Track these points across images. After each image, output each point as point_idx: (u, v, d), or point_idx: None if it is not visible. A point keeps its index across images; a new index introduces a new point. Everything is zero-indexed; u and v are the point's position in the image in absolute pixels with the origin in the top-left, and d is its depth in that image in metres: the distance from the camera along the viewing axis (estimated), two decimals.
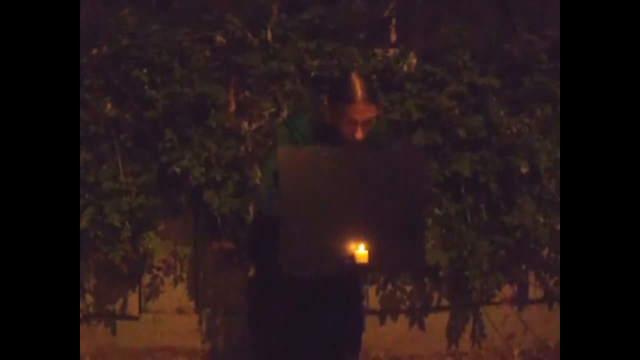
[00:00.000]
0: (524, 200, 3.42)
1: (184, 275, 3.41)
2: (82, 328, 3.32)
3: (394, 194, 2.16)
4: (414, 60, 3.53)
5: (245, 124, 3.34)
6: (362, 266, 2.11)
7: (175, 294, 3.40)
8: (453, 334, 3.55)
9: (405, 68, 3.52)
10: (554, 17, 3.50)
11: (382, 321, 3.48)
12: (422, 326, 3.52)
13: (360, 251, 2.10)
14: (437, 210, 3.40)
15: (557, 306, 3.57)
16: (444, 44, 3.57)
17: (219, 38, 3.45)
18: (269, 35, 3.49)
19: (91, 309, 3.37)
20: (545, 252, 3.55)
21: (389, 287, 3.45)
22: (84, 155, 3.24)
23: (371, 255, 2.09)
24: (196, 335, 3.42)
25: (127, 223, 3.22)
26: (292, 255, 2.10)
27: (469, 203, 3.41)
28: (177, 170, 3.20)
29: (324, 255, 2.11)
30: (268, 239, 2.25)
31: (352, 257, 2.10)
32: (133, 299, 3.39)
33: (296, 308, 2.49)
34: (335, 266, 2.12)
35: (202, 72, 3.37)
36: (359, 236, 2.11)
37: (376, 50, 3.55)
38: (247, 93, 3.40)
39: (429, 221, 3.39)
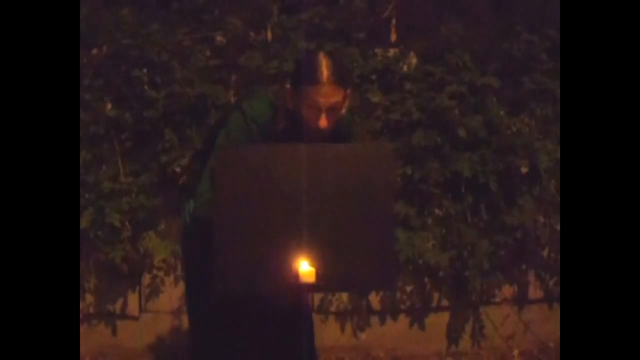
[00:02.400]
0: (524, 200, 3.42)
1: (184, 275, 3.41)
2: (82, 328, 3.32)
3: (357, 200, 1.82)
4: (414, 60, 3.54)
5: None
6: (309, 286, 1.81)
7: (175, 294, 3.39)
8: (453, 334, 3.55)
9: (405, 68, 3.53)
10: (554, 17, 3.50)
11: (382, 321, 3.48)
12: (422, 326, 3.52)
13: (304, 269, 1.79)
14: (437, 210, 3.40)
15: (557, 306, 3.57)
16: (444, 44, 3.57)
17: (219, 38, 3.45)
18: (269, 35, 3.49)
19: (91, 309, 3.37)
20: (545, 252, 3.55)
21: None
22: (84, 155, 3.24)
23: (326, 273, 1.79)
24: None
25: (127, 223, 3.22)
26: (227, 271, 1.80)
27: (469, 203, 3.41)
28: (178, 169, 3.20)
29: (265, 273, 1.80)
30: (205, 246, 1.99)
31: (296, 276, 1.80)
32: (133, 299, 3.39)
33: (233, 321, 2.22)
34: (278, 286, 1.82)
35: (202, 72, 3.37)
36: (310, 252, 1.79)
37: (376, 50, 3.55)
38: None
39: (429, 221, 3.39)
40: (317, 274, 1.80)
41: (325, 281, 1.81)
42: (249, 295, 1.94)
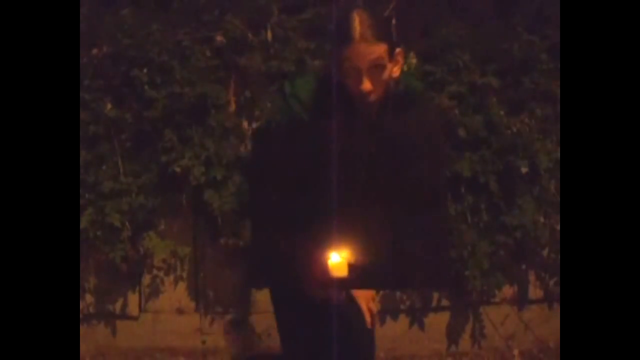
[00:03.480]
0: (524, 200, 3.42)
1: (184, 275, 3.41)
2: (82, 328, 3.32)
3: (402, 183, 1.59)
4: (414, 60, 3.53)
5: (245, 124, 3.34)
6: (341, 280, 1.62)
7: (175, 294, 3.40)
8: (453, 334, 3.55)
9: (405, 68, 3.52)
10: (554, 17, 3.50)
11: (382, 321, 3.48)
12: (422, 326, 3.52)
13: (333, 260, 1.60)
14: None
15: (557, 306, 3.57)
16: (444, 44, 3.57)
17: (219, 38, 3.44)
18: (269, 35, 3.49)
19: (91, 309, 3.37)
20: (545, 252, 3.55)
21: None
22: (84, 155, 3.24)
23: (364, 268, 1.60)
24: (196, 335, 3.42)
25: (127, 223, 3.22)
26: (260, 262, 1.71)
27: (469, 203, 3.41)
28: (178, 169, 3.20)
29: (298, 265, 1.64)
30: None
31: (326, 270, 1.62)
32: (133, 299, 3.39)
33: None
34: (308, 280, 1.66)
35: (202, 72, 3.37)
36: (345, 243, 1.60)
37: None
38: (247, 93, 3.40)
39: None
40: (350, 267, 1.61)
41: (362, 277, 1.62)
42: (281, 287, 1.80)
